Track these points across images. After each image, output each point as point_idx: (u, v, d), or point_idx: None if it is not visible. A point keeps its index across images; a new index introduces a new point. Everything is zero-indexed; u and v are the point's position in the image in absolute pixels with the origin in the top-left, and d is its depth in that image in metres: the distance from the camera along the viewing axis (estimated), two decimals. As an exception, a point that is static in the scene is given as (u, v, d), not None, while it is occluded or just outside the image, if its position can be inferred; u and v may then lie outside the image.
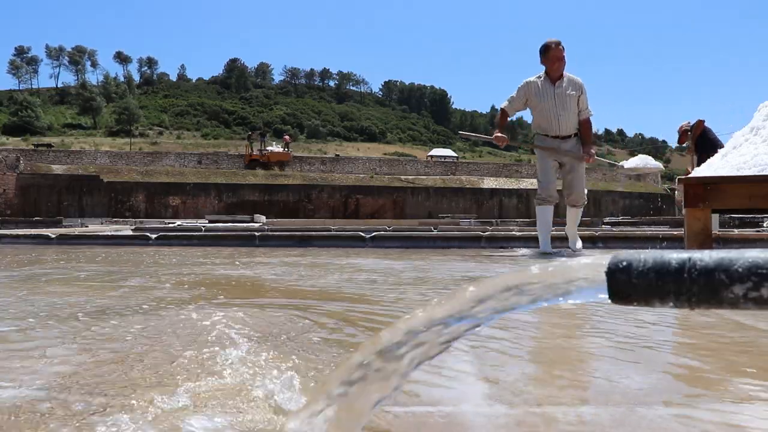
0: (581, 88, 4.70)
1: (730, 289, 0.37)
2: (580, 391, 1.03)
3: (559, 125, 4.68)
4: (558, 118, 4.67)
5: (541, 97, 4.67)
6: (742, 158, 3.00)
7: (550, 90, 4.66)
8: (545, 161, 4.74)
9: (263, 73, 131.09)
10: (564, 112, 4.66)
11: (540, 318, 1.75)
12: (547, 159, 4.73)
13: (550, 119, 4.68)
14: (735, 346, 1.39)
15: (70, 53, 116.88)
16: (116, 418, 0.84)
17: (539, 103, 4.69)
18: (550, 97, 4.66)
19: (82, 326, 1.57)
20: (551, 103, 4.66)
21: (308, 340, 1.40)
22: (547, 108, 4.66)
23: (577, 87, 4.69)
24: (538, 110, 4.73)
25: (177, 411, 0.88)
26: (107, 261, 3.91)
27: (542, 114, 4.71)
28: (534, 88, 4.70)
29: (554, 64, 4.61)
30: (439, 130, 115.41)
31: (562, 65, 4.64)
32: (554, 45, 4.61)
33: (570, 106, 4.66)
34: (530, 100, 4.72)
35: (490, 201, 29.04)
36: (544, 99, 4.67)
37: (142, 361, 1.19)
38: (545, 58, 4.65)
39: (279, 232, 6.68)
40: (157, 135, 75.60)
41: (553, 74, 4.64)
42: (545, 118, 4.70)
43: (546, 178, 4.73)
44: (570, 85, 4.67)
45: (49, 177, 26.44)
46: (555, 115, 4.67)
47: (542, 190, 4.75)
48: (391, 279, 2.81)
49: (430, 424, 0.85)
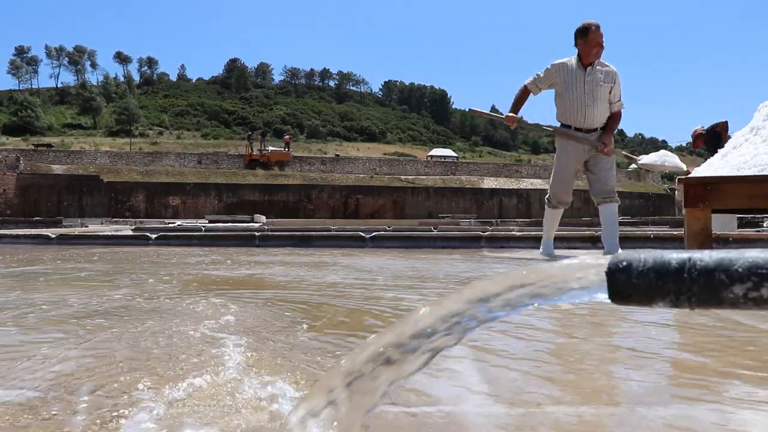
0: (614, 78, 4.22)
1: (730, 289, 0.37)
2: (580, 390, 1.03)
3: (585, 117, 4.18)
4: (585, 108, 4.17)
5: (570, 83, 4.18)
6: (742, 158, 2.99)
7: (581, 76, 4.17)
8: (569, 161, 4.24)
9: (263, 73, 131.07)
10: (593, 102, 4.17)
11: (539, 318, 1.75)
12: (571, 159, 4.23)
13: (575, 109, 4.18)
14: (735, 346, 1.39)
15: (70, 53, 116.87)
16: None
17: (566, 90, 4.19)
18: (579, 84, 4.17)
19: (79, 326, 1.57)
20: (580, 91, 4.17)
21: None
22: (575, 96, 4.17)
23: (611, 76, 4.21)
24: (564, 97, 4.21)
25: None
26: (107, 261, 3.90)
27: (568, 102, 4.20)
28: (565, 72, 4.20)
29: (593, 49, 4.10)
30: (439, 130, 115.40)
31: (601, 51, 4.14)
32: (595, 27, 4.11)
33: (600, 96, 4.18)
34: (557, 84, 4.23)
35: (490, 201, 29.05)
36: (574, 85, 4.17)
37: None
38: (583, 41, 4.13)
39: (279, 232, 6.68)
40: (157, 135, 75.58)
41: (587, 60, 4.15)
42: (570, 107, 4.19)
43: (564, 180, 4.27)
44: (602, 74, 4.19)
45: (49, 177, 26.44)
46: (582, 105, 4.17)
47: (558, 193, 4.28)
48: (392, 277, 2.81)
49: (429, 424, 0.85)
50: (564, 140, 4.22)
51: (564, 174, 4.26)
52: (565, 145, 4.23)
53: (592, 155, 4.20)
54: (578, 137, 4.19)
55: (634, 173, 44.21)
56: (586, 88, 4.16)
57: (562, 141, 4.24)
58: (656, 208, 31.64)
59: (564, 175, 4.26)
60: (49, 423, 0.84)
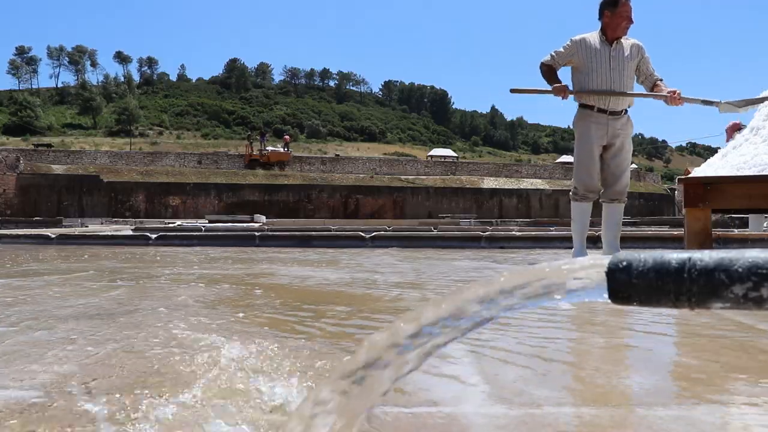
0: (641, 51, 3.83)
1: (730, 289, 0.37)
2: (580, 391, 1.03)
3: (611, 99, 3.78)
4: (611, 87, 3.76)
5: (594, 60, 3.77)
6: (742, 158, 3.00)
7: (606, 52, 3.77)
8: (591, 144, 3.79)
9: (263, 73, 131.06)
10: (620, 79, 3.77)
11: (539, 318, 1.75)
12: (593, 142, 3.78)
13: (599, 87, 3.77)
14: (735, 346, 1.39)
15: (70, 53, 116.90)
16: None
17: (590, 67, 3.77)
18: (604, 61, 3.76)
19: (78, 326, 1.57)
20: (605, 68, 3.76)
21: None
22: (600, 74, 3.76)
23: (637, 50, 3.82)
24: (586, 75, 3.80)
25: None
26: (107, 260, 3.90)
27: (591, 81, 3.78)
28: (587, 47, 3.79)
29: (622, 22, 3.73)
30: (439, 130, 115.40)
31: (629, 26, 3.79)
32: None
33: (628, 73, 3.79)
34: (579, 61, 3.81)
35: (490, 201, 29.05)
36: (598, 62, 3.76)
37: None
38: (611, 13, 3.74)
39: (279, 232, 6.68)
40: (157, 135, 75.61)
41: (614, 34, 3.75)
42: (594, 86, 3.78)
43: (590, 166, 3.79)
44: (629, 48, 3.79)
45: (49, 177, 26.45)
46: (608, 83, 3.76)
47: (584, 181, 3.81)
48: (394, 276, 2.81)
49: (430, 424, 0.85)
50: (585, 121, 3.82)
51: (588, 159, 3.80)
52: (586, 128, 3.80)
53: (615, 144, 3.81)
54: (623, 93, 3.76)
55: (634, 173, 44.23)
56: (612, 64, 3.76)
57: (583, 122, 3.83)
58: (656, 208, 31.64)
59: (588, 161, 3.79)
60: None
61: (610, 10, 3.74)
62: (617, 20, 3.72)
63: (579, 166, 3.84)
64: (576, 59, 3.80)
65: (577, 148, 3.86)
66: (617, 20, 3.72)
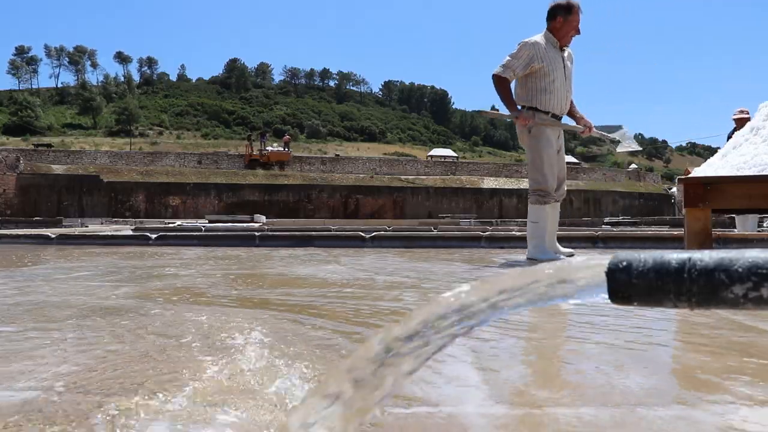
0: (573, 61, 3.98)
1: (730, 289, 0.37)
2: (580, 391, 1.03)
3: (565, 102, 3.86)
4: (566, 92, 3.85)
5: (552, 64, 3.78)
6: (742, 158, 3.00)
7: (559, 57, 3.82)
8: (552, 147, 3.86)
9: (263, 73, 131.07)
10: (569, 86, 3.88)
11: (539, 318, 1.75)
12: (553, 147, 3.86)
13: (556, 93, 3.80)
14: (735, 346, 1.39)
15: (70, 53, 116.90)
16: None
17: (549, 72, 3.78)
18: (560, 66, 3.81)
19: (76, 326, 1.57)
20: (561, 73, 3.81)
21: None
22: (558, 78, 3.79)
23: (572, 59, 3.96)
24: (544, 80, 3.79)
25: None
26: (107, 260, 3.90)
27: (550, 86, 3.79)
28: (545, 51, 3.77)
29: (571, 31, 3.82)
30: (439, 130, 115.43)
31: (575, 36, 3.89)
32: (578, 7, 3.80)
33: (571, 80, 3.92)
34: (539, 66, 3.77)
35: (490, 201, 29.03)
36: (556, 67, 3.79)
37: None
38: (564, 19, 3.78)
39: (279, 232, 6.68)
40: (157, 135, 75.63)
41: (564, 41, 3.83)
42: (553, 91, 3.79)
43: (554, 168, 3.86)
44: (571, 56, 3.94)
45: (49, 177, 26.45)
46: (563, 89, 3.83)
47: (550, 183, 3.84)
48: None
49: (430, 425, 0.85)
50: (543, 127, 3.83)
51: (553, 161, 3.86)
52: (545, 133, 3.83)
53: (561, 148, 3.96)
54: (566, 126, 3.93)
55: (634, 173, 44.20)
56: (566, 71, 3.84)
57: (542, 128, 3.83)
58: (656, 208, 31.63)
59: (553, 163, 3.86)
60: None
61: (563, 15, 3.78)
62: (568, 28, 3.79)
63: (546, 169, 3.82)
64: (537, 64, 3.76)
65: (540, 152, 3.83)
66: (568, 28, 3.79)
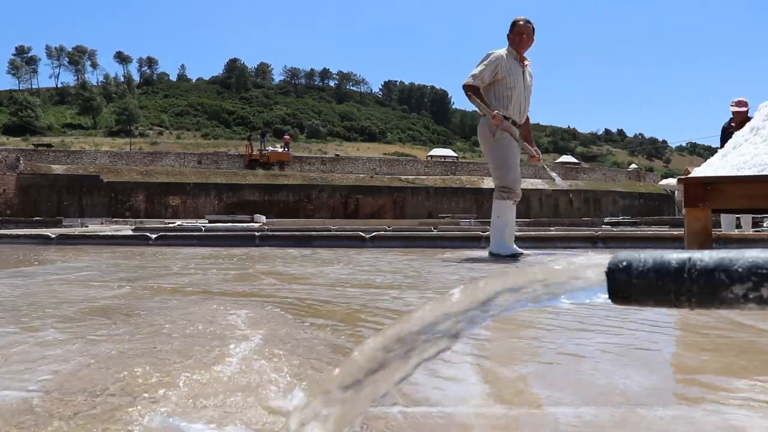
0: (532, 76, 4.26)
1: (730, 289, 0.37)
2: (580, 391, 1.03)
3: (521, 111, 4.17)
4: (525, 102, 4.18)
5: (513, 76, 4.09)
6: (742, 158, 3.00)
7: (519, 70, 4.13)
8: (516, 149, 4.16)
9: (263, 73, 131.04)
10: (527, 96, 4.19)
11: (539, 318, 1.75)
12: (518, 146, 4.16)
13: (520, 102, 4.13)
14: (735, 346, 1.39)
15: (70, 53, 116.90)
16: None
17: (511, 83, 4.09)
18: (520, 78, 4.13)
19: (75, 325, 1.57)
20: (521, 85, 4.13)
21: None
22: (518, 89, 4.10)
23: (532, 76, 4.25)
24: (507, 90, 4.09)
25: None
26: (107, 260, 3.91)
27: (512, 94, 4.09)
28: (507, 63, 4.09)
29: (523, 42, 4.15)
30: (439, 130, 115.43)
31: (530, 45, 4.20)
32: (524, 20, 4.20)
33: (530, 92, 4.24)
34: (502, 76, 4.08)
35: (491, 201, 29.01)
36: (516, 79, 4.10)
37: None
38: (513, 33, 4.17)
39: (279, 232, 6.68)
40: (157, 135, 75.65)
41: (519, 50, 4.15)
42: (515, 101, 4.11)
43: (517, 169, 4.18)
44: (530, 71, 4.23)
45: (49, 177, 26.45)
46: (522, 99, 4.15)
47: (517, 181, 4.17)
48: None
49: (430, 425, 0.85)
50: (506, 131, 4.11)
51: (517, 161, 4.19)
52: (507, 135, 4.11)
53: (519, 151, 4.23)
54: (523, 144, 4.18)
55: (634, 173, 44.21)
56: (524, 83, 4.15)
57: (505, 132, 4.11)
58: (656, 208, 31.63)
59: (518, 163, 4.21)
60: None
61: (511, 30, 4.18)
62: (518, 39, 4.14)
63: (513, 169, 4.14)
64: (501, 74, 4.07)
65: (506, 152, 4.11)
66: (518, 39, 4.14)
